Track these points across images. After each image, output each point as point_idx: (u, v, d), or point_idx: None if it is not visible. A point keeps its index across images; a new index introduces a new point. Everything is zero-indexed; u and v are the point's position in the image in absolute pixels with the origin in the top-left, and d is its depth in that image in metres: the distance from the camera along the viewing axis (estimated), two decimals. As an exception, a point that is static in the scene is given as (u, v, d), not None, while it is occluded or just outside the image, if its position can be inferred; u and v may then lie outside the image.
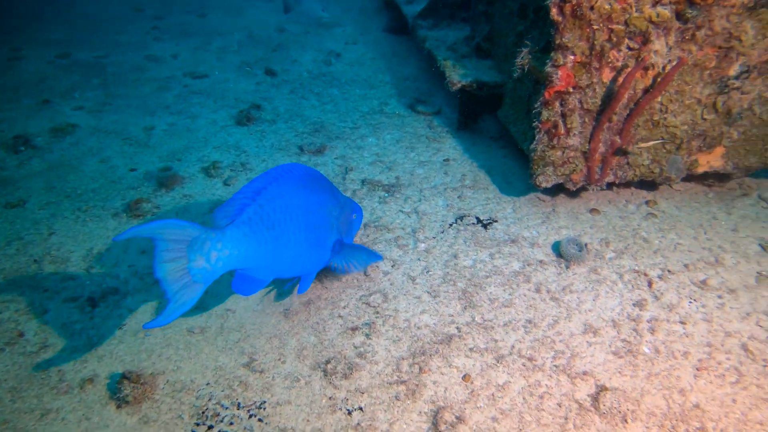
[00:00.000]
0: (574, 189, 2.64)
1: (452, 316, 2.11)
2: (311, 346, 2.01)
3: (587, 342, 2.02)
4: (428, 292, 2.22)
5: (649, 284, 2.29)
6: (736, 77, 2.41)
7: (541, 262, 2.39)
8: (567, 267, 2.37)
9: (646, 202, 2.81)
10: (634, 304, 2.19)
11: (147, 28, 5.76)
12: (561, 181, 2.58)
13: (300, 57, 4.65)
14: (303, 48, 4.88)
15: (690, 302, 2.21)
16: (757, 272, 2.36)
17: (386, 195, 2.85)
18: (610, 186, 2.88)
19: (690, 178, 2.92)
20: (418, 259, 2.40)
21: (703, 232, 2.60)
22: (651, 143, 2.37)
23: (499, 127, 3.40)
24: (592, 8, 2.11)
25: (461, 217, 2.66)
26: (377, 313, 2.12)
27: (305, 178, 1.88)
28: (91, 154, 3.34)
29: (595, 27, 2.16)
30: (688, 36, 2.25)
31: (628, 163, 2.58)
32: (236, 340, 2.06)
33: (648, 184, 2.91)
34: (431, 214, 2.69)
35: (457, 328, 2.06)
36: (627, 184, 2.88)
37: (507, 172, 3.06)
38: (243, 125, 3.57)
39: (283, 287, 2.25)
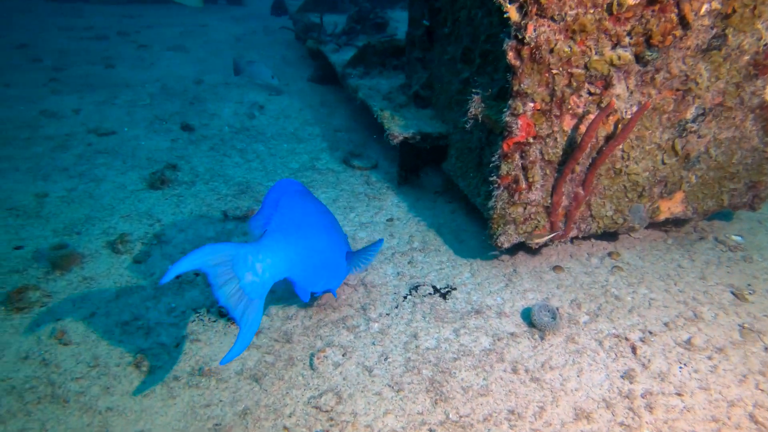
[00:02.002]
0: (536, 247, 2.40)
1: (422, 414, 1.74)
2: (250, 476, 1.57)
3: (581, 431, 1.71)
4: (390, 386, 1.84)
5: (633, 350, 2.04)
6: (693, 120, 2.30)
7: (512, 334, 2.09)
8: (541, 338, 2.08)
9: (609, 254, 2.61)
10: (622, 376, 1.93)
11: (44, 80, 5.16)
12: (523, 239, 2.33)
13: (220, 110, 4.26)
14: (223, 100, 4.49)
15: (680, 368, 1.98)
16: (739, 324, 2.19)
17: (328, 263, 2.48)
18: (571, 239, 2.67)
19: (649, 225, 2.77)
20: (373, 343, 2.03)
21: (673, 284, 2.42)
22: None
23: (444, 180, 3.16)
24: (551, 51, 1.91)
25: (416, 287, 2.33)
26: (331, 419, 1.72)
27: (304, 191, 1.90)
28: (-37, 233, 2.75)
29: (554, 71, 1.96)
30: (648, 79, 2.10)
31: (591, 216, 2.38)
32: (150, 475, 1.58)
33: (608, 235, 2.73)
34: (381, 286, 2.35)
35: (430, 430, 1.69)
36: (587, 236, 2.68)
37: (458, 230, 2.79)
38: (156, 189, 3.11)
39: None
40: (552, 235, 2.26)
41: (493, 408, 1.78)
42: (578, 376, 1.92)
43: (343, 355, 1.96)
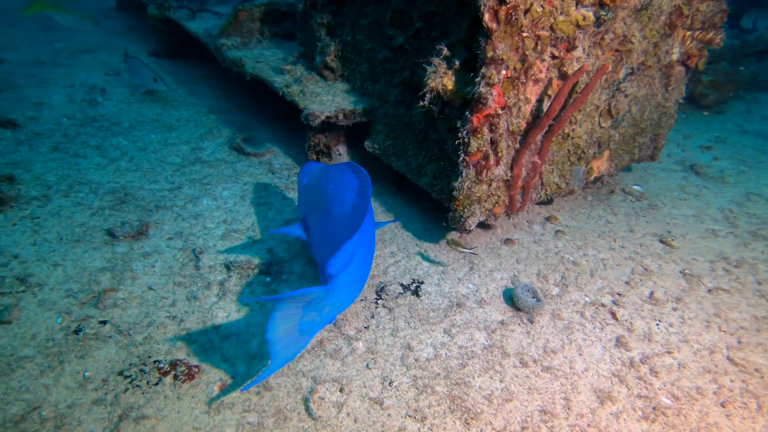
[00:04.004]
0: (494, 224, 2.27)
1: (460, 441, 1.52)
2: None
3: (612, 414, 1.64)
4: (410, 416, 1.57)
5: (613, 316, 2.04)
6: (623, 80, 2.32)
7: (502, 323, 1.95)
8: (530, 321, 1.97)
9: (547, 219, 2.60)
10: (616, 345, 1.91)
11: None
12: (484, 218, 2.18)
13: (47, 97, 3.34)
14: (46, 84, 3.53)
15: (657, 324, 2.02)
16: (680, 271, 2.32)
17: (268, 279, 2.07)
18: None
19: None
20: (367, 367, 1.72)
21: (612, 241, 2.49)
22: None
23: (360, 160, 2.86)
24: (526, 12, 1.72)
25: (381, 288, 2.05)
26: (364, 478, 1.40)
27: (365, 198, 1.79)
28: None
29: (524, 34, 1.78)
30: (598, 40, 2.04)
31: (542, 184, 2.31)
32: None
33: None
34: (344, 292, 2.02)
35: (476, 458, 1.47)
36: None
37: (394, 214, 2.54)
38: (-7, 213, 2.31)
39: None
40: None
41: (524, 412, 1.62)
42: (580, 354, 1.85)
43: (340, 391, 1.63)
